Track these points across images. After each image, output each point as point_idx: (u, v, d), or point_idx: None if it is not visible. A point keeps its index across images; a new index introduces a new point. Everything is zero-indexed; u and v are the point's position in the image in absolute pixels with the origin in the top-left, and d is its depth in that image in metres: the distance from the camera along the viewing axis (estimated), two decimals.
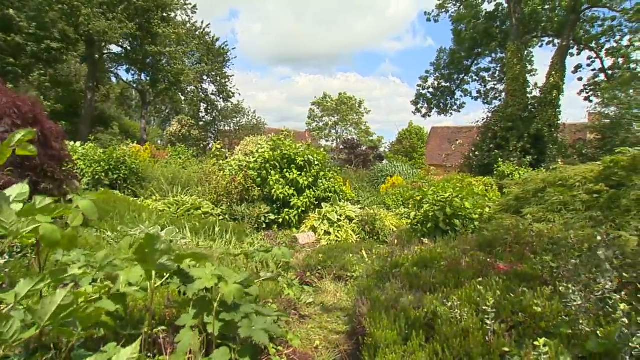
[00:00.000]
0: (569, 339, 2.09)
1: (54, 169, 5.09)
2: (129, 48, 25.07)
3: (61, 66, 23.82)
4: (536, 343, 1.77)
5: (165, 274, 2.52)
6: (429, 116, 26.49)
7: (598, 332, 1.98)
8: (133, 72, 28.64)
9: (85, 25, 20.09)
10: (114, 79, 31.49)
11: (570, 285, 2.17)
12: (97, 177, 9.50)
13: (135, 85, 30.50)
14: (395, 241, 6.49)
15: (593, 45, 20.31)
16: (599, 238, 2.83)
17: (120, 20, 21.23)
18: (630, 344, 1.55)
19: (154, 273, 2.25)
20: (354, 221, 8.00)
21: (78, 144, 11.68)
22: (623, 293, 1.88)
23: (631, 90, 14.68)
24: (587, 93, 21.23)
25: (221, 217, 8.32)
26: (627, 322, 1.61)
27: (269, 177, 8.95)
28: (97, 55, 23.82)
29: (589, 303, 2.15)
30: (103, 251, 2.65)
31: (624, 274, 2.48)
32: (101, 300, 1.79)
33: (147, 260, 2.23)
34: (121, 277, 2.03)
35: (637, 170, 5.22)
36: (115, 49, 25.83)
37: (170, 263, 2.32)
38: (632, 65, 18.57)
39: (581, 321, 2.06)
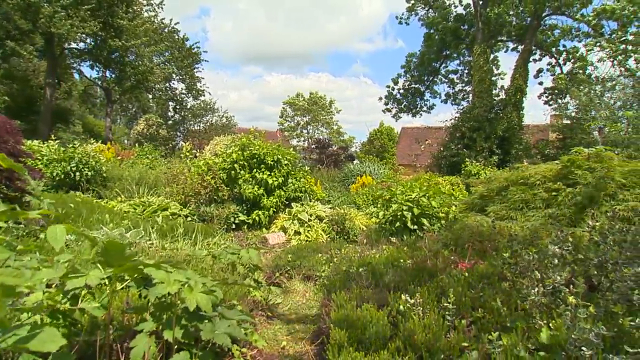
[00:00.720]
0: (524, 332, 2.16)
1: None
2: (92, 43, 24.04)
3: (17, 60, 22.58)
4: (490, 337, 1.82)
5: (127, 278, 2.42)
6: (400, 117, 26.96)
7: (550, 324, 2.07)
8: (97, 69, 27.57)
9: (46, 26, 19.06)
10: (76, 76, 30.18)
11: (525, 280, 2.25)
12: (57, 177, 9.08)
13: (99, 83, 29.36)
14: (364, 240, 6.55)
15: (553, 51, 21.25)
16: (553, 234, 2.96)
17: (83, 18, 20.22)
18: (573, 335, 1.63)
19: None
20: (324, 221, 8.01)
21: (36, 142, 11.16)
22: (572, 286, 1.96)
23: (582, 95, 15.46)
24: (546, 97, 22.19)
25: (189, 218, 8.14)
26: (573, 313, 1.69)
27: (238, 177, 8.83)
28: (57, 51, 22.71)
29: (543, 297, 2.24)
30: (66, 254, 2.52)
31: (575, 268, 2.60)
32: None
33: (113, 263, 2.15)
34: (68, 284, 1.92)
35: (591, 169, 5.50)
36: (77, 44, 24.71)
37: (140, 265, 2.24)
38: (589, 69, 19.57)
39: (534, 314, 2.14)
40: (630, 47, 16.06)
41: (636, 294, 1.93)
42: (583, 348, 1.61)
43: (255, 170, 8.97)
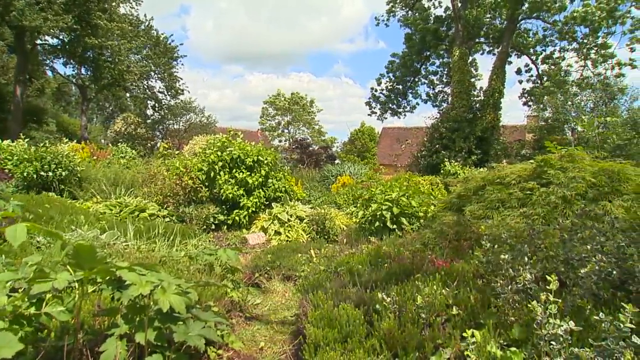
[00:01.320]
0: (496, 329, 2.20)
1: None
2: (65, 39, 23.25)
3: None
4: (464, 334, 1.85)
5: (99, 280, 2.35)
6: (385, 118, 27.12)
7: (521, 320, 2.11)
8: (72, 66, 26.72)
9: (18, 20, 18.32)
10: (50, 73, 29.17)
11: (498, 278, 2.30)
12: (28, 177, 8.77)
13: (74, 80, 28.52)
14: (344, 240, 6.57)
15: (530, 52, 21.80)
16: (526, 233, 3.03)
17: (56, 12, 19.49)
18: (542, 330, 1.67)
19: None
20: (304, 221, 8.00)
21: (7, 142, 10.78)
22: (541, 283, 2.01)
23: (559, 95, 15.95)
24: (525, 98, 22.74)
25: (168, 219, 7.99)
26: (542, 310, 1.73)
27: (218, 177, 8.72)
28: (28, 46, 21.88)
29: (515, 294, 2.29)
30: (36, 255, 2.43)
31: (547, 265, 2.67)
32: None
33: (84, 266, 2.08)
34: (34, 288, 1.85)
35: (563, 169, 5.65)
36: (50, 39, 23.82)
37: (112, 268, 2.18)
38: (562, 73, 20.16)
39: (507, 311, 2.18)
40: (601, 52, 16.68)
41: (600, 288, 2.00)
42: (552, 343, 1.65)
43: (234, 170, 8.87)
